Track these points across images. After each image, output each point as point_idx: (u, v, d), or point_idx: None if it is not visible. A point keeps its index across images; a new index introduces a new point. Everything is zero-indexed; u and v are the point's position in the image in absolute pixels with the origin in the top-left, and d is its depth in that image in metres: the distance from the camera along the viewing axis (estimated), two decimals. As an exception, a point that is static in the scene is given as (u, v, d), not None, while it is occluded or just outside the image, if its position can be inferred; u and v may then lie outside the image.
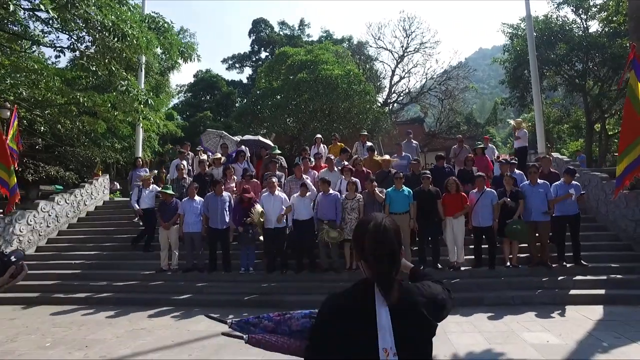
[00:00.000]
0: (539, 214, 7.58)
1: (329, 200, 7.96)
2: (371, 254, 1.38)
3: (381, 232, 1.40)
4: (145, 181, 9.68)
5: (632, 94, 7.85)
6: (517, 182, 8.43)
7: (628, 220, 8.37)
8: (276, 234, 8.06)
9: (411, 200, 7.70)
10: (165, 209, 8.63)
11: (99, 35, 8.14)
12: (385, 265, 1.37)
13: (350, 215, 7.84)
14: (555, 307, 6.59)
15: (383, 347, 1.30)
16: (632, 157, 7.61)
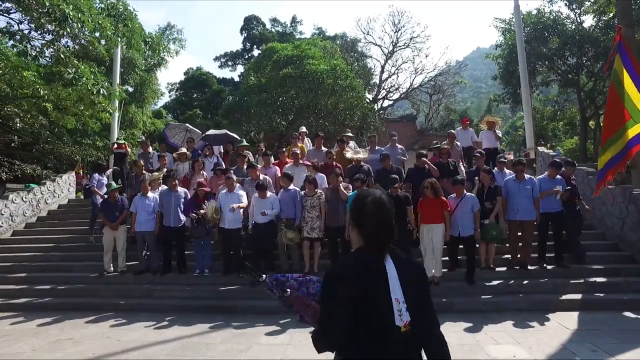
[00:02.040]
0: (525, 212, 6.95)
1: (288, 196, 7.34)
2: (372, 225, 1.61)
3: (381, 205, 1.63)
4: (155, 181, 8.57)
5: (617, 79, 7.24)
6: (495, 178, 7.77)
7: (615, 218, 7.73)
8: (232, 235, 7.41)
9: None
10: (110, 208, 7.94)
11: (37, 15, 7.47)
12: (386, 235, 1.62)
13: (311, 213, 7.20)
14: (531, 314, 5.95)
15: (395, 297, 1.53)
16: (615, 149, 7.00)
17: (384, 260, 1.59)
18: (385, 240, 1.61)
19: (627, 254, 7.38)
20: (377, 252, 1.59)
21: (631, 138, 6.89)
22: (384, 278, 1.55)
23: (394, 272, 1.57)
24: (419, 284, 1.63)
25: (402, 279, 1.56)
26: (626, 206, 7.46)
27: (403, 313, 1.51)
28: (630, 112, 6.98)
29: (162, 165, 9.33)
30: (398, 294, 1.53)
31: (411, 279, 1.59)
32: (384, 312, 1.51)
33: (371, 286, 1.54)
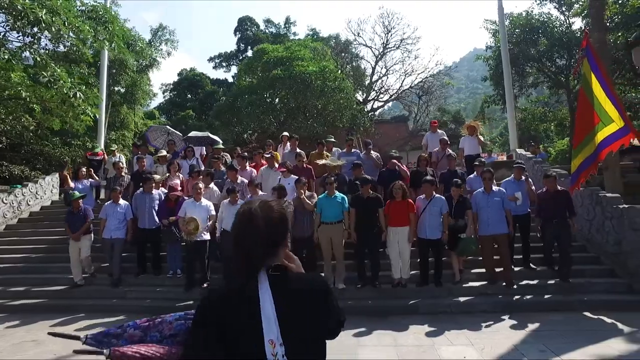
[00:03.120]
0: (497, 225, 6.68)
1: None
2: (236, 242, 1.35)
3: (246, 220, 1.35)
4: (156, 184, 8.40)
5: (586, 83, 7.36)
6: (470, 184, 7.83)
7: (583, 220, 7.82)
8: (197, 247, 7.25)
9: (345, 208, 7.00)
10: (74, 218, 7.90)
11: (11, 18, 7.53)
12: (253, 255, 1.32)
13: None
14: (494, 316, 6.04)
15: (269, 338, 1.24)
16: (587, 152, 7.10)
17: (255, 288, 1.30)
18: (253, 262, 1.31)
19: (593, 255, 7.48)
20: (245, 277, 1.31)
21: (601, 141, 7.00)
22: (255, 313, 1.26)
23: (269, 307, 1.26)
24: (313, 315, 1.33)
25: (284, 312, 1.27)
26: (593, 208, 7.56)
27: (279, 359, 1.23)
28: (600, 115, 7.10)
29: (141, 167, 9.38)
30: (273, 333, 1.24)
31: (299, 310, 1.30)
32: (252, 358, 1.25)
33: (236, 324, 1.28)
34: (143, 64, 30.09)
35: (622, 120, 6.91)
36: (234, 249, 1.37)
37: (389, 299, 6.75)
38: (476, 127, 10.25)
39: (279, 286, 1.31)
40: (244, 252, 1.33)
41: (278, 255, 1.40)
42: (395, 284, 6.87)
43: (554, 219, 6.67)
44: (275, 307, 1.27)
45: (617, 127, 6.93)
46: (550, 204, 6.79)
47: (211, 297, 1.37)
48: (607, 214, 7.16)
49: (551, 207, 6.75)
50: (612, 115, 6.95)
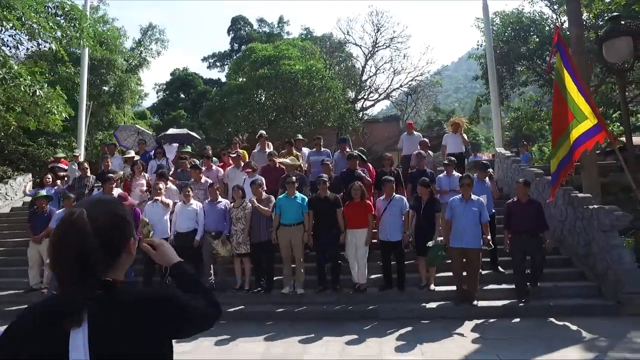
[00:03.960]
0: (471, 239, 5.99)
1: (215, 208, 7.10)
2: (51, 258, 1.14)
3: (64, 230, 1.12)
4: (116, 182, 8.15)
5: (559, 79, 7.11)
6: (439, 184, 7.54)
7: (557, 221, 7.55)
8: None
9: (305, 209, 6.74)
10: (37, 219, 7.64)
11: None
12: (69, 273, 1.09)
13: (236, 226, 6.90)
14: (454, 323, 5.75)
15: None
16: (564, 150, 6.85)
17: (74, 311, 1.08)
18: (68, 281, 1.09)
19: (565, 257, 7.20)
20: (64, 301, 1.10)
21: (575, 139, 6.74)
22: (62, 341, 1.06)
23: (81, 337, 1.06)
24: (145, 331, 1.12)
25: (103, 337, 1.08)
26: (565, 209, 7.28)
27: None
28: (573, 112, 6.85)
29: (105, 167, 9.11)
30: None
31: (125, 330, 1.10)
32: None
33: (44, 351, 1.08)
34: (133, 64, 29.93)
35: (595, 117, 6.66)
36: (51, 263, 1.15)
37: (349, 303, 6.47)
38: (460, 124, 9.94)
39: (100, 305, 1.10)
40: (64, 266, 1.10)
41: (118, 266, 1.21)
42: (355, 289, 6.59)
43: (523, 233, 6.11)
44: (93, 331, 1.07)
45: (590, 123, 6.68)
46: (519, 216, 6.21)
47: (17, 322, 1.15)
48: (578, 215, 6.88)
49: (520, 219, 6.18)
50: (586, 112, 6.70)
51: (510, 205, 6.42)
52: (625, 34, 6.43)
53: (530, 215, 6.11)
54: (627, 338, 4.91)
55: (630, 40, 6.44)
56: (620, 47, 6.48)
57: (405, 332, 5.45)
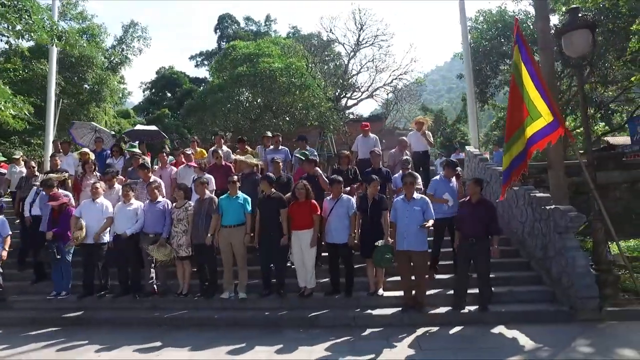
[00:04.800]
0: (414, 241, 5.62)
1: (155, 209, 6.71)
2: None
3: None
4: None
5: (517, 72, 6.80)
6: (395, 184, 7.20)
7: (518, 222, 7.24)
8: (91, 252, 6.66)
9: (248, 210, 6.38)
10: None
11: None
12: None
13: (177, 227, 6.53)
14: (399, 331, 5.38)
15: None
16: (518, 148, 6.53)
17: None
18: None
19: (523, 260, 6.89)
20: None
21: (529, 137, 6.44)
22: None
23: None
24: None
25: None
26: (525, 209, 6.96)
27: None
28: (528, 108, 6.55)
29: (54, 166, 8.68)
30: None
31: None
32: None
33: None
34: (114, 61, 29.42)
35: (551, 114, 6.36)
36: None
37: (292, 309, 6.10)
38: (424, 123, 9.64)
39: None
40: None
41: None
42: (300, 293, 6.22)
43: (470, 237, 5.64)
44: None
45: (544, 122, 6.39)
46: (467, 218, 5.72)
47: None
48: (536, 216, 6.56)
49: (468, 222, 5.67)
50: (541, 110, 6.41)
51: (461, 204, 6.07)
52: (584, 27, 6.11)
53: (480, 217, 5.64)
54: (571, 347, 4.60)
55: (589, 33, 6.13)
56: (579, 40, 6.17)
57: (342, 341, 5.10)
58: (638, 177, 10.11)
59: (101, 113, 27.60)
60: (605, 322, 5.32)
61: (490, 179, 8.59)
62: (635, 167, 10.29)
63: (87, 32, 26.17)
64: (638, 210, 10.08)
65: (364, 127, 9.20)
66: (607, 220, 6.14)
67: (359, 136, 9.26)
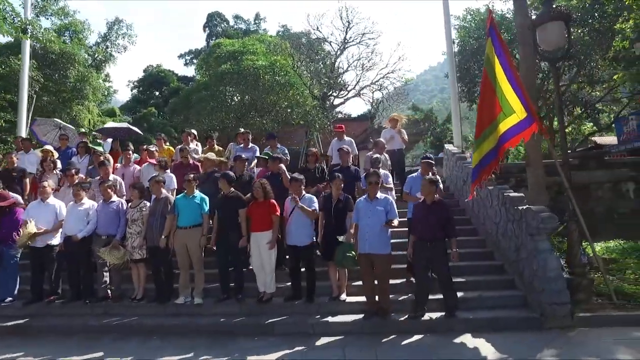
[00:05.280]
0: (375, 243, 5.26)
1: (109, 208, 6.33)
2: None
3: None
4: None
5: (489, 65, 6.50)
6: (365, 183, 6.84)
7: (492, 223, 6.93)
8: (40, 254, 6.27)
9: (205, 210, 6.02)
10: None
11: None
12: None
13: (131, 228, 6.16)
14: (358, 339, 5.09)
15: None
16: (489, 145, 6.23)
17: None
18: None
19: (498, 263, 6.58)
20: None
21: (502, 134, 6.14)
22: None
23: None
24: None
25: None
26: (499, 209, 6.65)
27: None
28: (501, 104, 6.24)
29: (10, 165, 8.24)
30: None
31: None
32: None
33: None
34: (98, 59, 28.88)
35: (525, 110, 6.06)
36: None
37: (250, 315, 5.74)
38: (398, 120, 9.34)
39: None
40: None
41: None
42: (259, 299, 5.87)
43: (426, 241, 5.29)
44: None
45: (517, 118, 6.10)
46: (422, 220, 5.36)
47: None
48: (509, 216, 6.25)
49: (423, 224, 5.31)
50: (514, 106, 6.12)
51: (415, 206, 5.72)
52: (558, 19, 5.82)
53: (436, 219, 5.27)
54: (536, 358, 4.28)
55: (562, 25, 5.84)
56: (553, 33, 5.88)
57: (294, 351, 4.76)
58: (620, 177, 9.87)
59: (85, 111, 27.05)
60: (576, 329, 5.02)
61: (467, 178, 8.28)
62: (617, 167, 10.04)
63: (69, 28, 25.68)
64: (620, 210, 9.84)
65: (338, 129, 8.77)
66: (582, 220, 5.86)
67: (334, 140, 8.77)
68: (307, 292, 5.84)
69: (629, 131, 17.10)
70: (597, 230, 9.54)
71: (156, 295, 6.15)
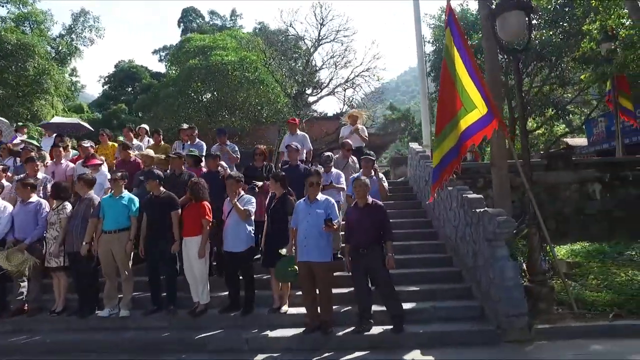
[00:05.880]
0: (315, 250, 4.71)
1: (26, 210, 5.64)
2: None
3: None
4: None
5: (449, 58, 6.07)
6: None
7: (451, 227, 6.51)
8: None
9: (133, 212, 5.40)
10: None
11: None
12: None
13: (49, 232, 5.51)
14: (299, 356, 4.58)
15: None
16: (450, 142, 5.80)
17: None
18: None
19: (456, 270, 6.15)
20: None
21: (463, 130, 5.71)
22: None
23: None
24: None
25: None
26: (458, 211, 6.22)
27: None
28: (462, 97, 5.81)
29: None
30: None
31: None
32: None
33: None
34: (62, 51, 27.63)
35: (486, 106, 5.65)
36: None
37: (181, 329, 5.16)
38: (359, 117, 8.83)
39: None
40: None
41: None
42: (191, 310, 5.28)
43: (361, 247, 4.80)
44: None
45: (479, 114, 5.68)
46: (355, 225, 4.85)
47: None
48: (467, 219, 5.82)
49: (357, 229, 4.81)
50: (475, 100, 5.69)
51: (347, 211, 5.21)
52: (517, 8, 5.41)
53: (370, 222, 4.79)
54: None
55: (523, 15, 5.45)
56: (512, 22, 5.47)
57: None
58: (587, 178, 9.63)
59: (47, 106, 25.80)
60: (534, 342, 4.61)
61: (428, 177, 7.86)
62: (583, 167, 9.80)
63: (29, 18, 24.41)
64: (586, 211, 9.62)
65: (291, 122, 8.19)
66: (542, 224, 5.47)
67: (286, 135, 8.21)
68: (245, 303, 5.28)
69: (598, 132, 17.14)
70: (564, 231, 9.32)
71: (78, 307, 5.49)
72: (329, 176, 6.21)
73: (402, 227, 7.34)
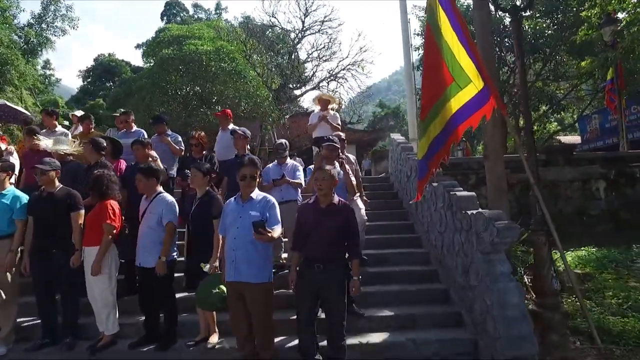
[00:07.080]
0: (245, 267, 3.45)
1: None
2: None
3: None
4: None
5: (434, 23, 4.85)
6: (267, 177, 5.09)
7: (436, 232, 5.26)
8: None
9: (19, 216, 4.12)
10: None
11: None
12: None
13: None
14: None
15: None
16: (437, 127, 4.56)
17: None
18: None
19: (442, 287, 4.89)
20: None
21: (456, 111, 4.46)
22: None
23: None
24: None
25: None
26: (445, 213, 4.97)
27: None
28: (452, 71, 4.56)
29: None
30: None
31: None
32: None
33: None
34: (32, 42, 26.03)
35: (482, 79, 4.43)
36: None
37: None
38: (330, 101, 7.47)
39: None
40: None
41: None
42: (92, 345, 3.96)
43: (315, 262, 3.53)
44: None
45: (475, 90, 4.44)
46: (312, 231, 3.56)
47: None
48: (456, 224, 4.58)
49: (313, 238, 3.54)
50: (470, 73, 4.46)
51: (301, 211, 3.89)
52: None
53: (332, 229, 3.52)
54: None
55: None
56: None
57: None
58: (589, 175, 8.49)
59: (15, 100, 24.22)
60: (547, 393, 3.38)
61: (410, 172, 6.63)
62: (586, 163, 8.67)
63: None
64: (590, 212, 8.50)
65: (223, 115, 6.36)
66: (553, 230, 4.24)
67: (220, 132, 6.36)
68: (164, 334, 3.98)
69: (592, 130, 16.25)
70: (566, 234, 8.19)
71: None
72: (283, 168, 4.93)
73: (378, 231, 6.07)
